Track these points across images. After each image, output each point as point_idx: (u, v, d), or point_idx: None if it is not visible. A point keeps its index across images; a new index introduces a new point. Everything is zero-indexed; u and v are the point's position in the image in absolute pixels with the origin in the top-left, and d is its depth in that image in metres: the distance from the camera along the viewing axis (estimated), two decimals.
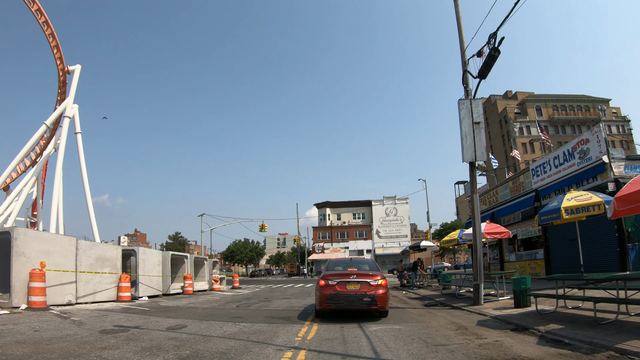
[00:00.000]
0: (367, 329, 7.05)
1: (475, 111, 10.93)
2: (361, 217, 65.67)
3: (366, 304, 7.99)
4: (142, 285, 16.04)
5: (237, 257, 70.60)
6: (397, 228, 62.63)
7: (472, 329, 6.90)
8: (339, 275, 8.47)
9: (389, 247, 61.79)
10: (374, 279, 8.25)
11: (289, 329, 7.15)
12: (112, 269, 14.67)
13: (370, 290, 8.07)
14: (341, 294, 8.05)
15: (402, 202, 63.57)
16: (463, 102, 11.03)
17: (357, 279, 8.25)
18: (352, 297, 8.04)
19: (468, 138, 10.69)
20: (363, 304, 8.00)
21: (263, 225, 38.62)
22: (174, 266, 19.77)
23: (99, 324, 8.02)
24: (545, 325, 7.00)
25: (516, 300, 9.28)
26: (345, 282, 8.18)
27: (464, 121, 10.85)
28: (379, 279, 8.30)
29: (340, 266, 9.75)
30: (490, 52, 9.96)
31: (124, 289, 14.50)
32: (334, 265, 9.92)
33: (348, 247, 62.62)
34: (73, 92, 31.81)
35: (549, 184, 16.64)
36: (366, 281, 8.21)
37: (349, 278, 8.27)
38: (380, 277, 8.36)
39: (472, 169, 10.84)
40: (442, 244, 16.29)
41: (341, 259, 10.74)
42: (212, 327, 7.47)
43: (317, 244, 63.28)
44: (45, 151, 32.95)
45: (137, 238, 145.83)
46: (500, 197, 21.46)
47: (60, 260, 12.21)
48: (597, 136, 14.33)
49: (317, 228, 65.41)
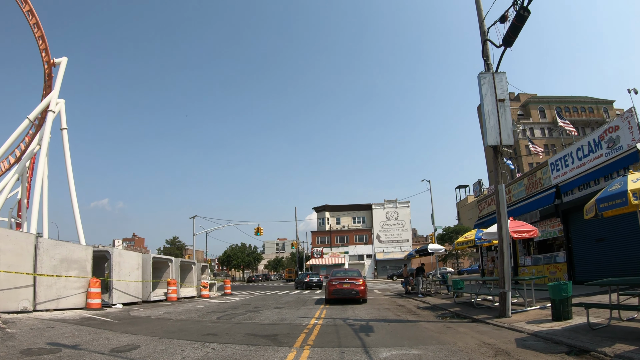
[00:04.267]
0: (378, 356, 5.29)
1: (499, 86, 9.29)
2: (361, 221, 63.68)
3: (353, 295, 14.22)
4: (117, 292, 14.27)
5: (234, 261, 68.38)
6: (398, 232, 60.68)
7: (515, 354, 5.18)
8: (338, 279, 15.00)
9: (390, 251, 59.86)
10: (357, 281, 14.66)
11: (270, 356, 5.37)
12: (80, 272, 12.93)
13: (356, 287, 14.40)
14: (340, 289, 14.43)
15: (404, 205, 61.71)
16: (484, 76, 9.39)
17: (348, 281, 14.70)
18: (346, 291, 14.34)
19: (491, 118, 9.03)
20: (352, 295, 14.23)
21: (259, 228, 36.83)
22: (157, 270, 18.00)
23: (33, 339, 6.30)
24: (610, 346, 5.30)
25: (555, 311, 7.56)
26: (342, 283, 14.66)
27: (486, 98, 9.20)
28: (360, 281, 14.73)
29: (339, 274, 16.05)
30: (519, 13, 8.35)
31: (93, 295, 12.74)
32: (335, 273, 16.31)
33: (348, 252, 60.59)
34: (58, 85, 30.19)
35: (572, 178, 14.97)
36: (353, 282, 14.62)
37: (344, 281, 14.78)
38: (361, 280, 14.84)
39: (497, 154, 9.17)
40: (457, 246, 14.60)
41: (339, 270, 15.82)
42: (170, 350, 5.68)
43: (316, 248, 61.24)
44: (30, 148, 31.26)
45: (135, 242, 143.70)
46: (513, 196, 19.75)
47: (13, 259, 10.48)
48: (628, 122, 12.68)
49: (316, 232, 63.37)
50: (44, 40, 30.28)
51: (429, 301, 14.11)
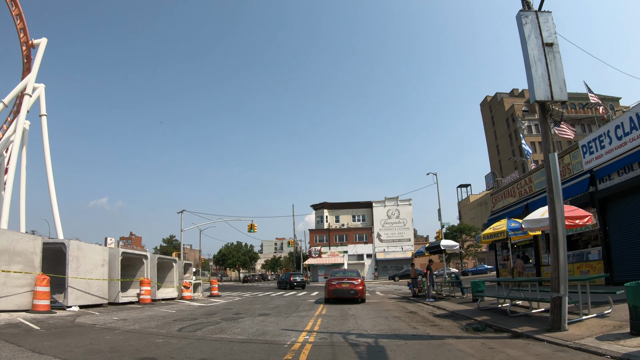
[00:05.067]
0: None
1: (545, 28, 7.13)
2: (361, 219, 61.27)
3: (352, 294, 14.54)
4: (75, 291, 12.07)
5: (229, 260, 65.93)
6: (400, 231, 58.34)
7: None
8: (337, 279, 15.31)
9: (391, 251, 57.56)
10: (356, 281, 14.99)
11: None
12: (25, 267, 10.76)
13: (354, 287, 14.72)
14: (339, 289, 14.71)
15: (405, 203, 59.37)
16: (526, 14, 7.22)
17: (347, 281, 15.00)
18: (345, 291, 14.64)
19: (538, 66, 6.86)
20: (350, 295, 14.55)
21: (252, 225, 34.57)
22: (130, 268, 15.80)
23: None
24: None
25: (636, 322, 5.39)
26: (341, 283, 14.95)
27: (529, 42, 7.02)
28: (359, 281, 15.10)
29: (339, 274, 16.31)
30: None
31: (41, 295, 10.56)
32: (335, 273, 16.51)
33: (347, 252, 58.20)
34: (36, 68, 27.89)
35: (610, 161, 12.82)
36: (352, 282, 14.93)
37: (343, 280, 15.08)
38: (359, 280, 15.17)
39: (545, 113, 7.01)
40: (484, 238, 12.45)
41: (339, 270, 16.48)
42: None
43: (314, 247, 58.84)
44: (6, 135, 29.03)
45: (133, 241, 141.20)
46: (535, 186, 17.57)
47: None
48: None
49: (314, 231, 60.86)
50: (21, 19, 28.09)
51: (445, 306, 11.89)
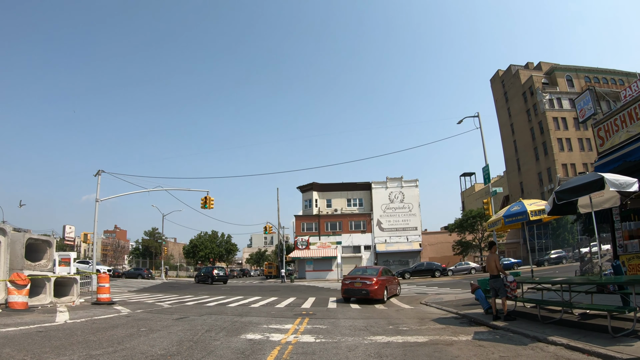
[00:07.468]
0: None
1: None
2: (358, 204, 51.04)
3: (364, 294, 14.36)
4: None
5: (200, 252, 55.71)
6: (404, 218, 48.33)
7: None
8: (350, 278, 15.37)
9: (394, 242, 47.55)
10: (370, 280, 14.63)
11: None
12: None
13: (366, 287, 14.40)
14: (351, 289, 14.83)
15: (411, 184, 49.31)
16: None
17: (360, 281, 14.80)
18: (356, 290, 14.63)
19: None
20: (362, 295, 14.42)
21: (207, 197, 24.70)
22: None
23: None
24: None
25: None
26: (353, 282, 14.92)
27: None
28: (374, 280, 14.64)
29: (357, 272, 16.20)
30: None
31: None
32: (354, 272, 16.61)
33: (340, 242, 47.96)
34: None
35: None
36: (365, 282, 14.64)
37: (356, 280, 14.97)
38: (374, 279, 14.69)
39: None
40: None
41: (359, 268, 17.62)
42: None
43: (301, 237, 48.49)
44: None
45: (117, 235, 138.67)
46: None
47: None
48: None
49: (301, 217, 50.24)
50: None
51: None
